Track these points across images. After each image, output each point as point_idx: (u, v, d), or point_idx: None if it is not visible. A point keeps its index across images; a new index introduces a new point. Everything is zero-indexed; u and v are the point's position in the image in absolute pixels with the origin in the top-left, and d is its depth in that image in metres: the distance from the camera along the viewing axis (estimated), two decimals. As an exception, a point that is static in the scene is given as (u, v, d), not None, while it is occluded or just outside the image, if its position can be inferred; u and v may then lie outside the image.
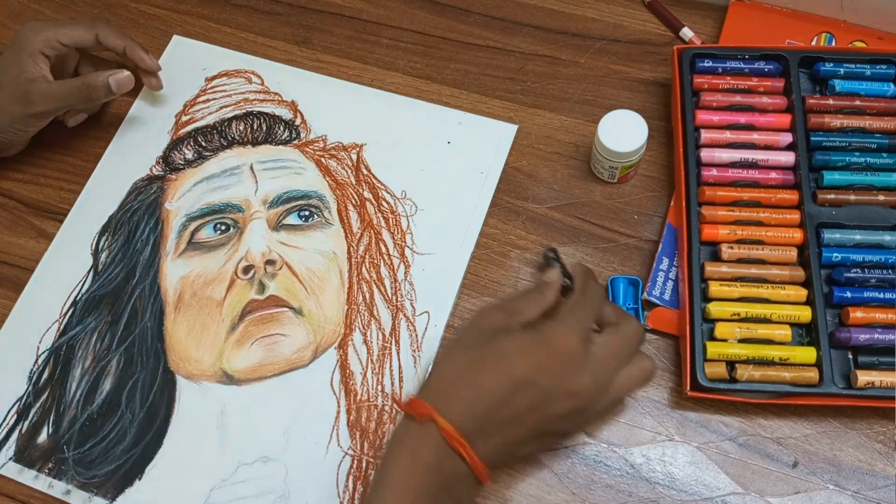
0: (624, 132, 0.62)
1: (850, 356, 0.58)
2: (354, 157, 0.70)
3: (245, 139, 0.72)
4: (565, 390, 0.48)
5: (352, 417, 0.61)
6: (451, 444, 0.47)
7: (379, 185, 0.69)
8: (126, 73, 0.67)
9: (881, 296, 0.58)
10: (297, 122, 0.72)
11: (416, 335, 0.63)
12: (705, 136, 0.63)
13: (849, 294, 0.58)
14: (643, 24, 0.73)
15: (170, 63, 0.76)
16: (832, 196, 0.61)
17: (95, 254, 0.68)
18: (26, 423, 0.63)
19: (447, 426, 0.47)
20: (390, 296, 0.64)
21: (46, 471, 0.61)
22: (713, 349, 0.57)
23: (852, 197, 0.61)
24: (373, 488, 0.47)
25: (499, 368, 0.48)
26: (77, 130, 0.74)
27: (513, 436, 0.49)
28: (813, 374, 0.56)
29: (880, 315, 0.57)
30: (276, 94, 0.73)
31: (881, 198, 0.61)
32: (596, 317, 0.53)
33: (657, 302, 0.61)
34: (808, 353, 0.57)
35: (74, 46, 0.68)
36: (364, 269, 0.65)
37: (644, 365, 0.53)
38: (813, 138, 0.63)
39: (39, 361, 0.65)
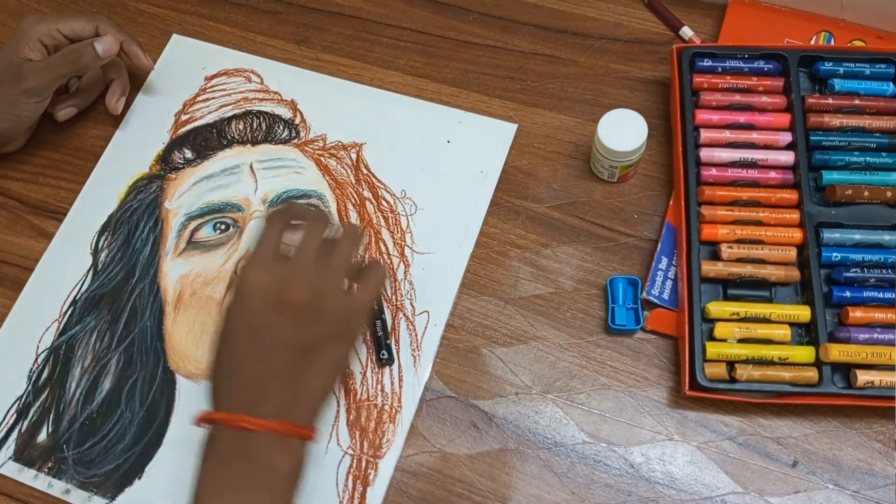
0: (623, 131, 0.62)
1: (850, 355, 0.58)
2: (354, 156, 0.70)
3: (244, 138, 0.71)
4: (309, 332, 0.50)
5: (351, 417, 0.61)
6: (313, 438, 0.50)
7: (378, 184, 0.69)
8: (110, 37, 0.67)
9: (880, 295, 0.58)
10: (297, 121, 0.72)
11: (416, 334, 0.63)
12: (705, 135, 0.63)
13: (848, 293, 0.58)
14: (643, 23, 0.73)
15: (169, 62, 0.76)
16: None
17: (95, 253, 0.68)
18: (26, 422, 0.63)
19: (310, 433, 0.50)
20: (390, 295, 0.64)
21: (46, 470, 0.61)
22: (712, 349, 0.57)
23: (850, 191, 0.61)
24: None
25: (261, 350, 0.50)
26: (77, 130, 0.74)
27: (309, 389, 0.51)
28: (812, 374, 0.56)
29: (879, 314, 0.57)
30: (275, 93, 0.73)
31: (880, 197, 0.61)
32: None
33: (656, 301, 0.61)
34: (807, 353, 0.57)
35: (73, 38, 0.68)
36: (364, 269, 0.65)
37: (375, 272, 0.54)
38: (812, 138, 0.63)
39: (39, 361, 0.65)
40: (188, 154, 0.71)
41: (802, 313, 0.58)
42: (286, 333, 0.50)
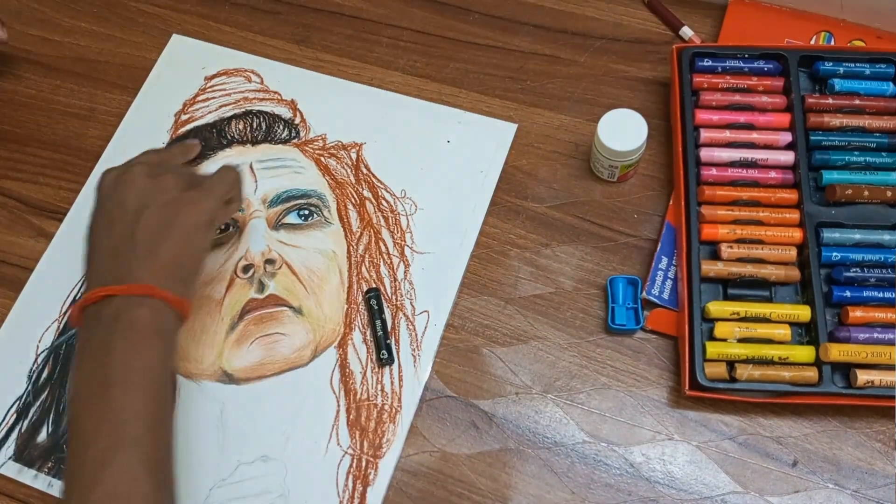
0: (623, 131, 0.62)
1: (850, 355, 0.58)
2: (354, 156, 0.70)
3: (244, 138, 0.71)
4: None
5: (351, 416, 0.61)
6: (173, 305, 0.53)
7: (378, 184, 0.69)
8: None
9: (880, 295, 0.58)
10: (297, 121, 0.72)
11: (416, 334, 0.63)
12: (705, 135, 0.63)
13: (848, 293, 0.58)
14: (643, 22, 0.73)
15: (169, 62, 0.76)
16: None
17: (95, 253, 0.68)
18: (26, 422, 0.63)
19: (166, 294, 0.53)
20: (390, 295, 0.64)
21: (46, 470, 0.61)
22: (713, 349, 0.57)
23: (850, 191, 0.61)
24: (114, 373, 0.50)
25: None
26: (77, 130, 0.74)
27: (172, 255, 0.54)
28: (812, 374, 0.56)
29: (879, 314, 0.57)
30: (275, 92, 0.73)
31: (880, 197, 0.61)
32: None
33: (656, 301, 0.61)
34: (807, 353, 0.57)
35: None
36: (364, 269, 0.65)
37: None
38: (812, 137, 0.63)
39: (39, 360, 0.65)
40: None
41: (802, 313, 0.58)
42: (131, 198, 0.55)
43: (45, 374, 0.64)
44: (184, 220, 0.55)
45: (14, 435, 0.62)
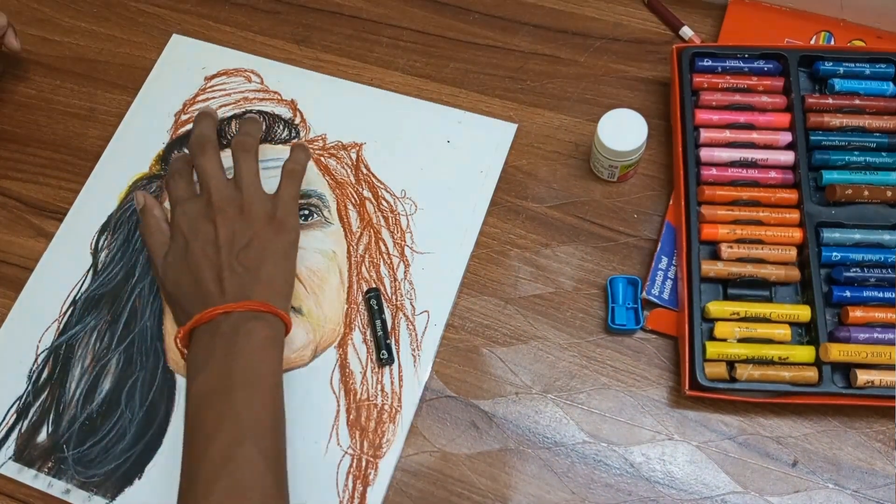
0: (623, 131, 0.62)
1: (850, 355, 0.58)
2: (354, 156, 0.70)
3: (244, 138, 0.71)
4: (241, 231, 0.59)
5: (351, 416, 0.61)
6: (282, 319, 0.57)
7: (378, 184, 0.69)
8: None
9: (880, 295, 0.58)
10: (297, 121, 0.72)
11: (416, 334, 0.63)
12: (705, 135, 0.63)
13: (848, 293, 0.58)
14: (643, 22, 0.73)
15: (169, 62, 0.76)
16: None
17: (95, 253, 0.68)
18: (26, 422, 0.63)
19: (276, 309, 0.56)
20: (390, 295, 0.64)
21: (46, 470, 0.61)
22: (713, 349, 0.57)
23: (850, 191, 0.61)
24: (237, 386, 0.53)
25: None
26: (77, 130, 0.74)
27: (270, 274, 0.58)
28: (812, 374, 0.56)
29: (879, 314, 0.57)
30: (275, 92, 0.73)
31: (880, 197, 0.61)
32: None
33: (656, 301, 0.61)
34: (807, 353, 0.57)
35: None
36: (364, 269, 0.65)
37: (290, 163, 0.65)
38: (812, 137, 0.63)
39: (39, 361, 0.65)
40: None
41: (802, 313, 0.58)
42: (223, 233, 0.58)
43: (45, 374, 0.64)
44: (280, 242, 0.59)
45: (14, 435, 0.62)
